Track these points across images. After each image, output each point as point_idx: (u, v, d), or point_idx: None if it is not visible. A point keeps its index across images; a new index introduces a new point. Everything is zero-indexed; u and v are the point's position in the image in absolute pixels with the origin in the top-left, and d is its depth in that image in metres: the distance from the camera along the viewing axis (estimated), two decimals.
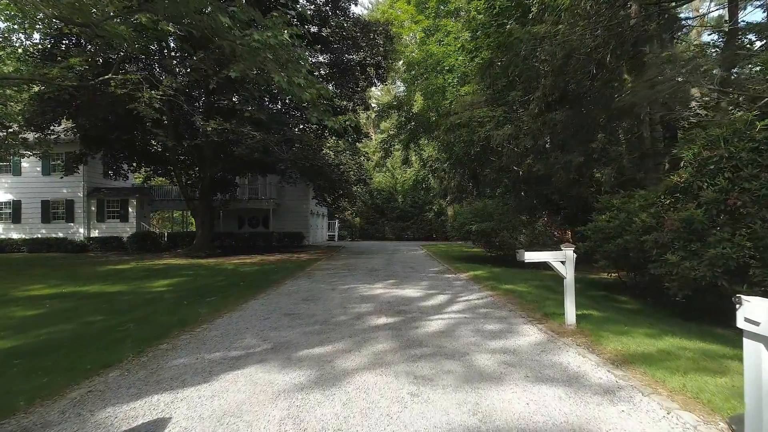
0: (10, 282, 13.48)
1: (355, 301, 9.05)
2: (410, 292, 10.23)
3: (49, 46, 21.00)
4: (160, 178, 30.53)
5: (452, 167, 31.01)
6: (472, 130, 18.35)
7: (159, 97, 16.12)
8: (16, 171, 26.70)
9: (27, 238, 26.26)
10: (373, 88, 61.07)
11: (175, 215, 39.52)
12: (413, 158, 37.39)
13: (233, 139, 17.51)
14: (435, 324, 6.87)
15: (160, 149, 24.85)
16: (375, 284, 11.66)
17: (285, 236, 30.33)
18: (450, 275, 13.78)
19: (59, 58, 19.43)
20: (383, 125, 50.20)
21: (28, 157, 23.79)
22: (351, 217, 47.52)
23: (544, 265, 7.50)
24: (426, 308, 8.21)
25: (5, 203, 26.84)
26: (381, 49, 26.25)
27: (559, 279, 12.97)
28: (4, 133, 21.22)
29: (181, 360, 5.16)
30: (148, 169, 26.56)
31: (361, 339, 6.00)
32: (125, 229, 26.95)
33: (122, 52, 20.85)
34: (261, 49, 9.65)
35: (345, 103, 26.76)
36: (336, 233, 44.07)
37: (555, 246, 18.57)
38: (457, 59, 21.60)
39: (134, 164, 25.79)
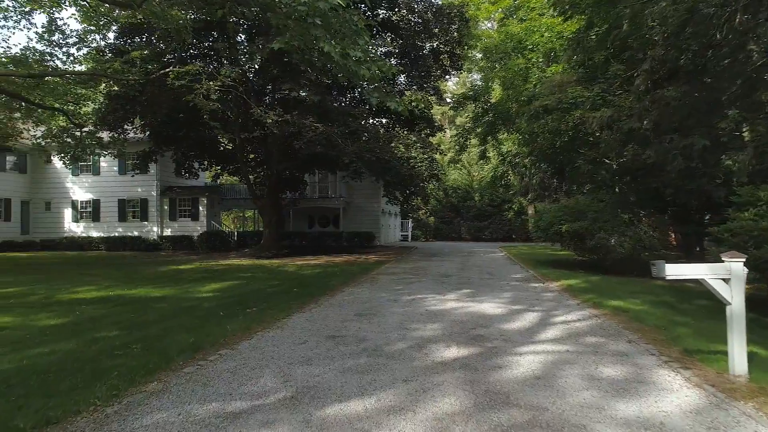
0: (66, 282, 12.94)
1: (420, 318, 7.25)
2: (489, 307, 8.27)
3: (121, 42, 20.92)
4: (231, 177, 30.27)
5: (535, 162, 28.37)
6: (559, 117, 16.04)
7: (217, 88, 15.19)
8: (96, 170, 27.29)
9: (105, 236, 26.75)
10: (449, 83, 58.89)
11: (247, 215, 39.52)
12: (491, 153, 34.91)
13: (294, 132, 16.29)
14: (525, 362, 4.92)
15: (229, 147, 24.32)
16: (446, 294, 9.79)
17: (355, 236, 29.02)
18: (537, 284, 11.61)
19: (127, 54, 19.20)
20: (459, 120, 47.89)
21: (104, 157, 24.07)
22: (425, 217, 45.64)
23: (646, 272, 5.34)
24: (511, 333, 6.25)
25: (86, 202, 27.53)
26: (455, 34, 24.22)
27: (679, 291, 10.49)
28: (79, 133, 21.39)
29: (156, 416, 3.60)
30: (218, 167, 26.22)
31: (420, 387, 4.19)
32: (196, 228, 26.77)
33: (188, 45, 20.38)
34: (308, 14, 8.09)
35: (416, 94, 25.01)
36: (409, 233, 42.38)
37: (662, 251, 15.78)
38: (542, 36, 19.16)
39: (205, 162, 25.51)
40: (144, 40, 21.07)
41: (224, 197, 29.78)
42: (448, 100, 46.29)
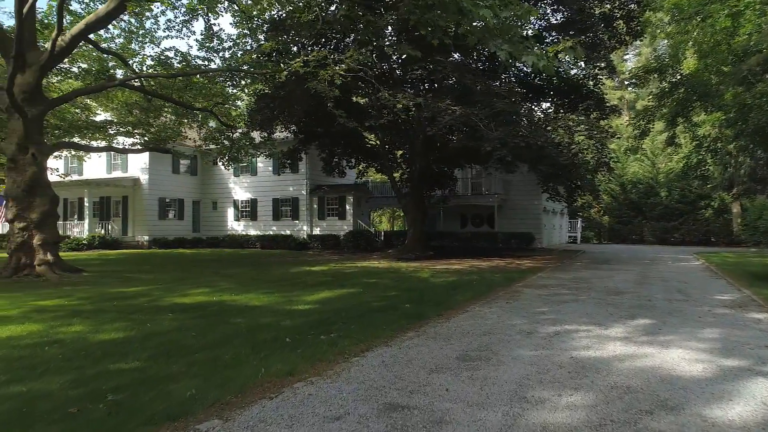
0: (191, 283, 12.53)
1: (556, 376, 4.51)
2: (680, 358, 5.13)
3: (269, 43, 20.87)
4: (379, 174, 29.26)
5: (744, 146, 22.43)
6: None
7: (342, 72, 13.74)
8: (253, 171, 28.34)
9: (261, 234, 27.59)
10: (627, 62, 51.46)
11: (401, 214, 38.47)
12: (682, 138, 28.78)
13: (428, 117, 14.12)
14: None
15: (375, 142, 23.12)
16: (610, 327, 6.73)
17: (511, 237, 25.94)
18: (761, 314, 7.72)
19: (273, 53, 18.97)
20: (640, 104, 41.18)
21: (257, 157, 24.60)
22: (597, 215, 40.05)
23: None
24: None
25: (245, 201, 28.76)
26: None
27: None
28: (231, 134, 21.93)
29: None
30: (364, 164, 25.28)
31: None
32: (342, 227, 26.21)
33: (325, 37, 19.53)
34: None
35: (583, 69, 21.10)
36: (578, 234, 37.42)
37: None
38: None
39: (352, 160, 24.73)
40: (289, 37, 20.69)
41: (372, 196, 28.97)
42: (626, 81, 40.02)
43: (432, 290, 10.72)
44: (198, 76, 18.19)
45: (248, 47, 20.94)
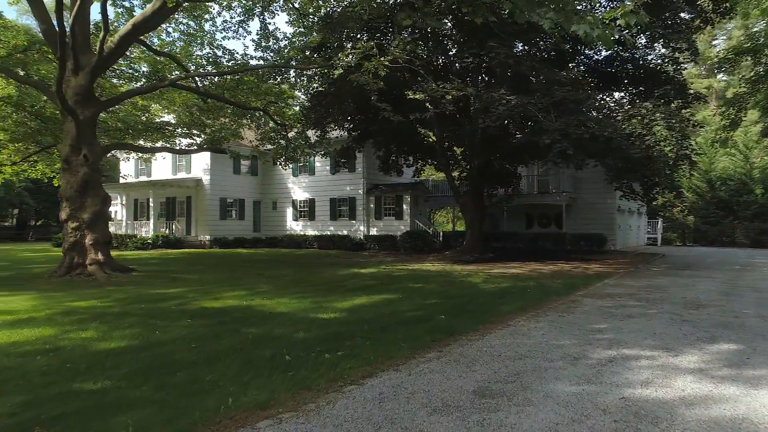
0: (231, 284, 12.25)
1: (594, 428, 3.40)
2: None
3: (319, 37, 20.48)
4: (438, 173, 28.17)
5: None
6: None
7: (387, 63, 12.92)
8: (311, 171, 28.15)
9: (318, 234, 27.35)
10: (716, 47, 46.92)
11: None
12: None
13: (479, 108, 12.98)
14: None
15: (434, 139, 22.12)
16: (681, 353, 5.44)
17: (581, 238, 24.00)
18: None
19: (327, 48, 18.58)
20: (730, 93, 37.37)
21: (313, 156, 24.30)
22: (681, 215, 36.70)
23: None
24: None
25: (304, 201, 28.64)
26: None
27: None
28: (285, 133, 21.72)
29: None
30: (422, 162, 24.34)
31: None
32: (399, 228, 25.38)
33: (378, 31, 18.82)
34: None
35: (661, 52, 18.98)
36: (658, 236, 34.40)
37: None
38: None
39: (410, 158, 23.88)
40: (343, 34, 20.17)
41: (432, 195, 27.95)
42: (715, 69, 36.38)
43: (478, 298, 9.66)
44: (248, 74, 18.03)
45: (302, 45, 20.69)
